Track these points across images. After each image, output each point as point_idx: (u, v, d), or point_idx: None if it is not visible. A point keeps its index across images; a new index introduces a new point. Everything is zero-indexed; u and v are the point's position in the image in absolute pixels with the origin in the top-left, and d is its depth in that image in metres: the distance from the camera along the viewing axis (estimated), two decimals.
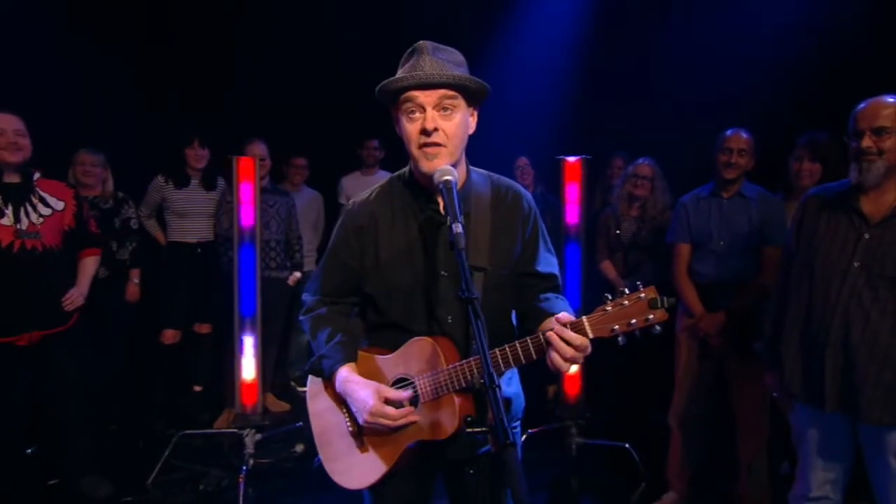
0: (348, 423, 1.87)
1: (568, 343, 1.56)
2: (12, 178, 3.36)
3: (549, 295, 1.89)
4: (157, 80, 5.39)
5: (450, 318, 1.81)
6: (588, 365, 3.95)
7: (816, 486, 2.44)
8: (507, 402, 1.86)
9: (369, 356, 1.89)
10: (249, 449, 3.66)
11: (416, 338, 1.80)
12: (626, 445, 3.95)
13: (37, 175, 3.46)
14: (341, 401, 1.88)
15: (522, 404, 1.98)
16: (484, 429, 1.62)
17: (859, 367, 2.24)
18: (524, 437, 3.96)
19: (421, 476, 1.92)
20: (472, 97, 1.76)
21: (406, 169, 1.89)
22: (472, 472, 1.86)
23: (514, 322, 1.95)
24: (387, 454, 1.82)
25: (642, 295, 1.55)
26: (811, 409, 2.40)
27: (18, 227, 3.29)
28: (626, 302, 1.55)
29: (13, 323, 3.30)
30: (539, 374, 4.77)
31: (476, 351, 1.54)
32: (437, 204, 1.82)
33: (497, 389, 1.39)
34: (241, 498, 3.50)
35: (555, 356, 1.58)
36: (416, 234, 1.83)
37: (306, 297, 2.02)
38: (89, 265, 3.67)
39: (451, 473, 1.94)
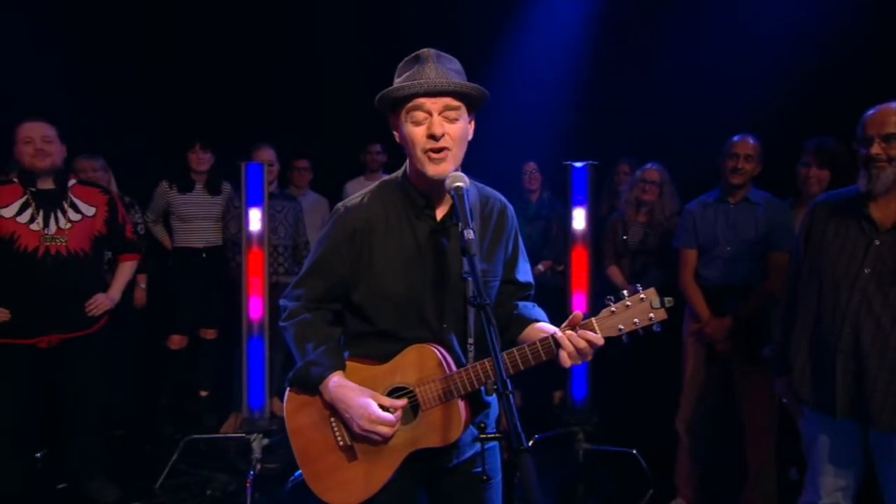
0: (338, 437, 1.83)
1: (587, 341, 1.66)
2: (46, 185, 3.38)
3: (525, 304, 1.95)
4: (163, 85, 5.40)
5: (444, 324, 1.81)
6: (595, 370, 3.95)
7: (826, 493, 2.43)
8: (488, 406, 1.88)
9: (359, 367, 1.83)
10: (257, 454, 3.66)
11: (415, 345, 1.77)
12: (634, 451, 3.93)
13: (72, 181, 3.48)
14: (327, 415, 1.84)
15: (497, 411, 1.97)
16: (498, 434, 1.63)
17: (870, 374, 2.23)
18: (531, 442, 3.97)
19: (410, 485, 1.88)
20: (472, 104, 1.77)
21: (399, 173, 1.87)
22: (457, 477, 1.87)
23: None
24: (385, 464, 1.79)
25: (643, 296, 1.66)
26: (821, 415, 2.39)
27: (46, 231, 3.31)
28: (629, 303, 1.66)
29: (34, 325, 3.32)
30: (546, 380, 4.81)
31: (470, 357, 1.68)
32: (434, 210, 1.81)
33: (511, 395, 1.39)
34: (248, 502, 3.51)
35: (566, 355, 1.66)
36: (412, 240, 1.80)
37: (286, 302, 1.93)
38: (124, 270, 3.70)
39: (434, 480, 1.92)
